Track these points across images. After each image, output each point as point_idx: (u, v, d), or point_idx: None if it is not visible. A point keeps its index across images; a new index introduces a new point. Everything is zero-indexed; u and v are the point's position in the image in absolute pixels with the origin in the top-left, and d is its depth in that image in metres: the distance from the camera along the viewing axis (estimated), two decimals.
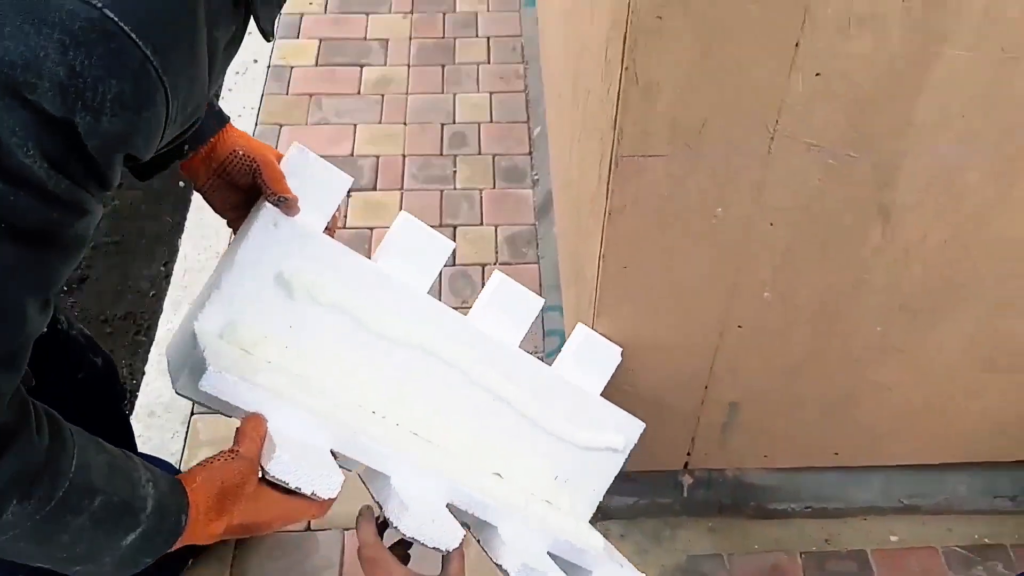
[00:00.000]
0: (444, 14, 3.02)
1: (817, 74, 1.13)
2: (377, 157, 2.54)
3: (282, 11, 0.84)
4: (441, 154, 2.55)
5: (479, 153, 2.55)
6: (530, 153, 2.53)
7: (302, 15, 3.01)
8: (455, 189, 2.46)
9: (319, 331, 1.10)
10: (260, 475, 0.90)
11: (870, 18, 1.07)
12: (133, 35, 0.62)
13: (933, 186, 1.24)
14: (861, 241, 1.32)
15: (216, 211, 1.14)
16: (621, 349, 1.41)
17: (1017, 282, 1.38)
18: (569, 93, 1.78)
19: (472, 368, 1.21)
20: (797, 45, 1.10)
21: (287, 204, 1.05)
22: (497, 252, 2.30)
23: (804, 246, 1.33)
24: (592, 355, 1.38)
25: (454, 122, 2.64)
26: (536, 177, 2.45)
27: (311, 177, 1.10)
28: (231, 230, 1.15)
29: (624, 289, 1.40)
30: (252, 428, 0.90)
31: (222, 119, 1.09)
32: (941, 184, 1.24)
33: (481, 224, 2.37)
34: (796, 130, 1.19)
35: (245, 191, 1.10)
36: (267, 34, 0.81)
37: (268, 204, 1.05)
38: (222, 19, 0.73)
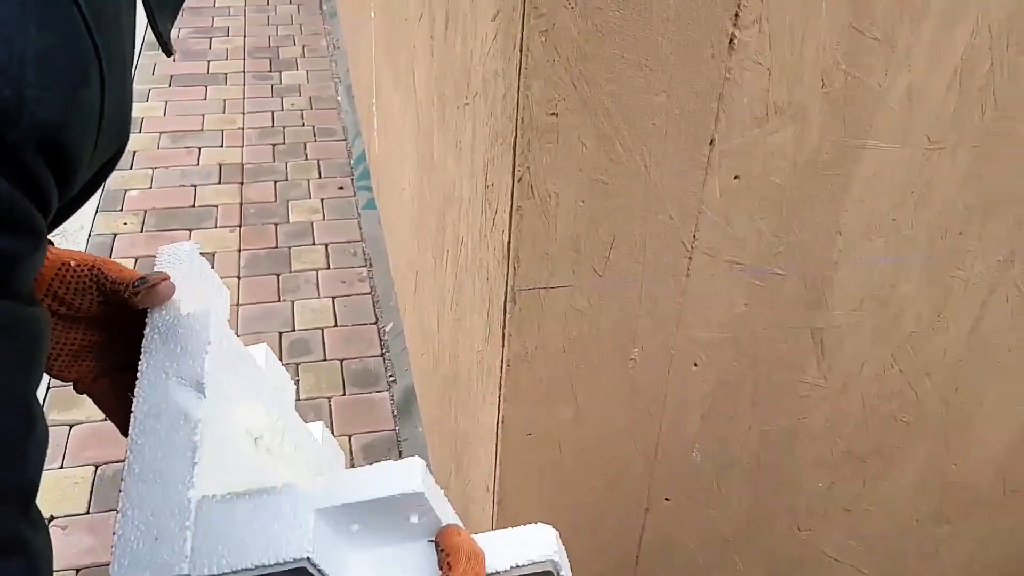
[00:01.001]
0: (276, 225, 2.84)
1: (736, 176, 0.99)
2: None
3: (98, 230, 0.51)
4: (281, 364, 2.26)
5: (324, 359, 2.28)
6: (383, 354, 2.28)
7: (115, 235, 2.75)
8: (298, 400, 2.15)
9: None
10: None
11: (788, 106, 0.95)
12: None
13: (867, 303, 1.10)
14: (796, 377, 1.15)
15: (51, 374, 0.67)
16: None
17: (959, 413, 1.24)
18: (431, 262, 1.58)
19: None
20: (712, 143, 0.96)
21: (157, 280, 0.66)
22: (353, 464, 1.98)
23: (733, 388, 1.14)
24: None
25: (294, 329, 2.38)
26: (392, 378, 2.19)
27: (198, 281, 0.76)
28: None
29: (530, 462, 1.14)
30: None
31: None
32: (875, 300, 1.11)
33: (331, 435, 2.06)
34: (716, 245, 1.03)
35: (83, 322, 0.69)
36: (166, 46, 0.56)
37: (214, 323, 0.69)
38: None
